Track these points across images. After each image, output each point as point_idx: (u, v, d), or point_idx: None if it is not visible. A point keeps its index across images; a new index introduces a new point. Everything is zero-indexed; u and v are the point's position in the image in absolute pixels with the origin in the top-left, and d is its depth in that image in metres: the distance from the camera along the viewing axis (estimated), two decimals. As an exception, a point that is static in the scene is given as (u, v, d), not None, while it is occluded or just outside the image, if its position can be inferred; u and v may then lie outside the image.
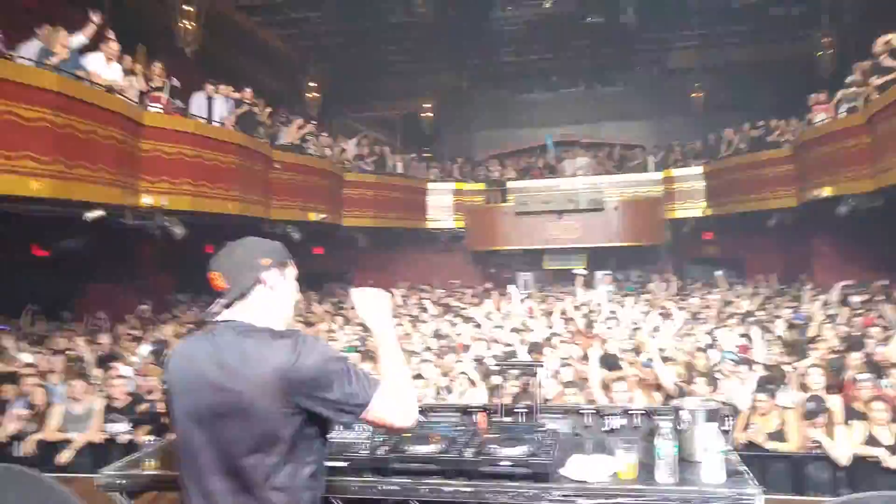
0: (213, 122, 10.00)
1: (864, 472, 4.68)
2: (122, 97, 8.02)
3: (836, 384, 5.68)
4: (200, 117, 9.76)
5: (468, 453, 2.64)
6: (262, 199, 11.22)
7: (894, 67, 8.99)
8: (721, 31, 15.22)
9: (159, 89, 8.96)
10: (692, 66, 16.18)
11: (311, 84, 15.23)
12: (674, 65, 16.53)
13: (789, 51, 14.43)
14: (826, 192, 11.01)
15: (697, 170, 15.82)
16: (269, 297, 1.92)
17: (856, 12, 13.06)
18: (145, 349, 7.73)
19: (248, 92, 11.07)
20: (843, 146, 10.60)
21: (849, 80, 10.72)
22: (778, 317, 9.10)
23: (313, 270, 15.84)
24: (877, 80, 9.43)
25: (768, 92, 14.99)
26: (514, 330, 8.33)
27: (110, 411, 5.81)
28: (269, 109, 12.02)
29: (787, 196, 12.78)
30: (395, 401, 1.83)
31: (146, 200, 8.47)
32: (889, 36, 9.16)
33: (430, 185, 17.44)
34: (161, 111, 8.79)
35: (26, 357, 7.13)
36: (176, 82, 9.20)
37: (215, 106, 10.15)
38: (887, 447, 4.66)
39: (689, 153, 16.66)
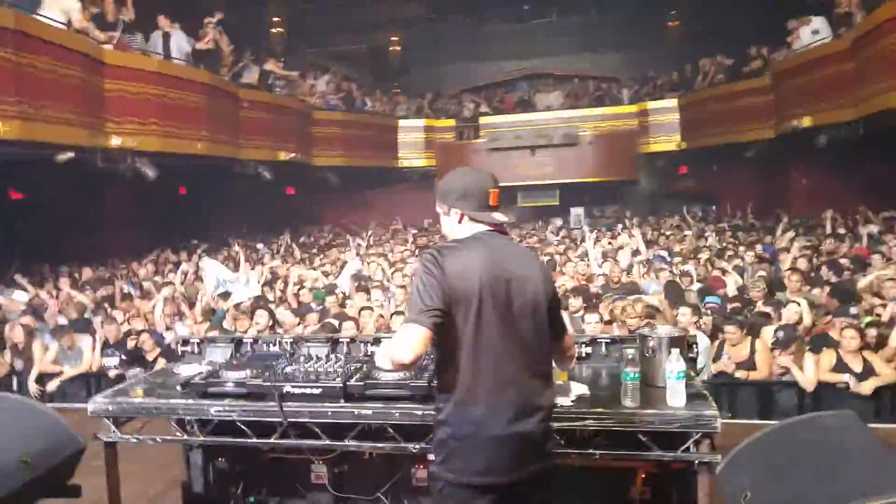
0: (174, 60, 9.64)
1: (831, 397, 4.80)
2: (82, 35, 7.73)
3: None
4: (157, 54, 9.41)
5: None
6: (231, 139, 11.02)
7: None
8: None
9: (111, 27, 8.58)
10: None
11: (275, 19, 14.66)
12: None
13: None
14: (805, 122, 10.83)
15: (672, 102, 15.65)
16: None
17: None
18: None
19: (213, 22, 10.58)
20: (824, 74, 10.33)
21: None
22: (749, 251, 9.21)
23: (285, 211, 15.79)
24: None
25: (747, 19, 14.65)
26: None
27: (105, 346, 6.06)
28: (231, 46, 11.57)
29: (764, 128, 12.54)
30: None
31: (115, 142, 8.31)
32: None
33: (400, 123, 17.10)
34: (111, 48, 8.43)
35: (22, 296, 7.35)
36: (125, 16, 8.77)
37: (173, 42, 9.71)
38: (855, 374, 4.80)
39: (665, 85, 16.47)
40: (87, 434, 2.88)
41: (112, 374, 5.70)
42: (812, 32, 10.81)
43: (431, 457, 2.15)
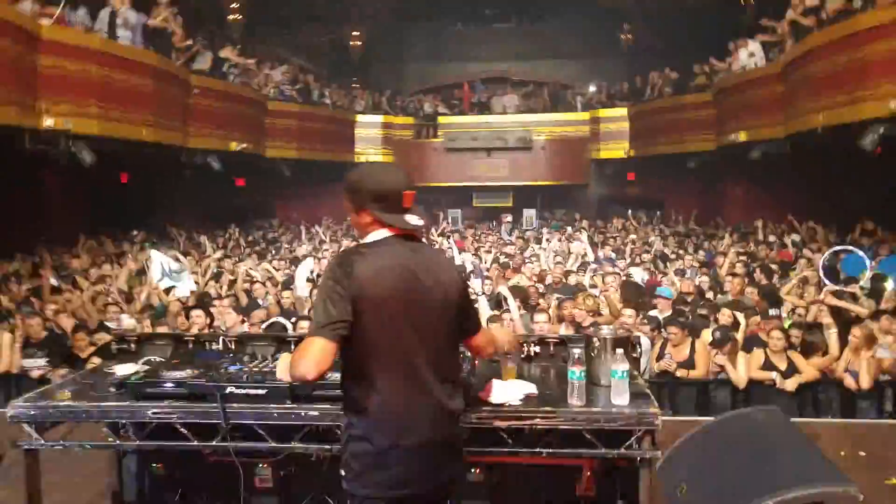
0: (120, 39, 9.18)
1: (760, 394, 5.17)
2: (15, 6, 7.29)
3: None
4: (103, 32, 8.95)
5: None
6: (179, 126, 10.63)
7: (808, 26, 9.35)
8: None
9: (53, 1, 8.12)
10: (622, 6, 16.18)
11: (233, 5, 14.27)
12: (604, 3, 16.47)
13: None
14: (740, 137, 11.50)
15: (622, 111, 16.13)
16: None
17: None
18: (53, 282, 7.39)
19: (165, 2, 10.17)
20: (758, 94, 11.05)
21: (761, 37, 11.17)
22: (690, 255, 9.64)
23: (234, 203, 15.37)
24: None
25: (695, 36, 15.27)
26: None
27: (28, 346, 5.58)
28: (184, 30, 11.12)
29: (706, 140, 13.18)
30: None
31: (48, 122, 7.80)
32: None
33: (358, 118, 16.99)
34: (51, 23, 7.96)
35: None
36: None
37: (121, 16, 9.18)
38: (781, 372, 5.15)
39: (616, 95, 16.93)
40: (4, 441, 2.66)
41: (35, 374, 5.29)
42: (749, 55, 11.45)
43: (342, 472, 2.07)
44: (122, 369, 3.00)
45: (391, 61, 18.72)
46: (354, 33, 17.12)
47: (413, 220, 2.10)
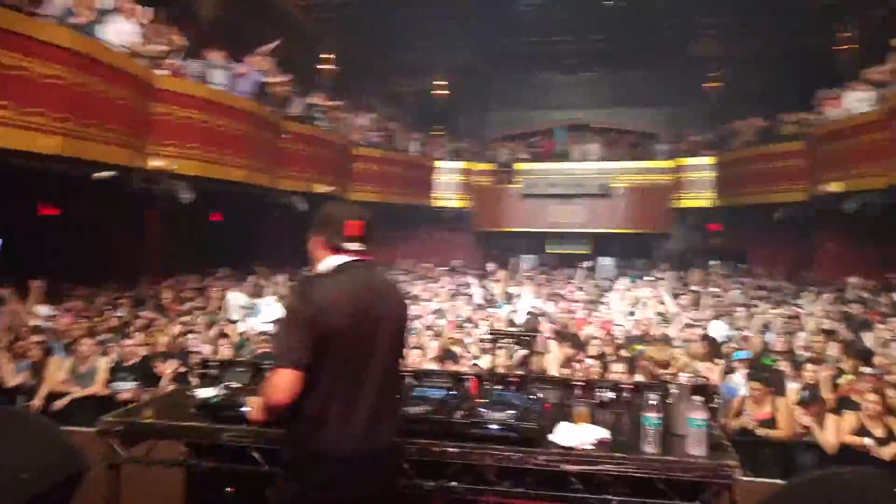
0: (214, 86, 9.79)
1: (852, 461, 4.67)
2: (136, 60, 8.00)
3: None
4: (214, 84, 9.69)
5: (457, 415, 2.69)
6: (269, 168, 11.18)
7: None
8: (744, 20, 15.04)
9: (172, 54, 8.88)
10: (713, 54, 16.00)
11: (327, 56, 15.15)
12: (695, 52, 16.35)
13: (810, 43, 14.16)
14: (835, 187, 10.86)
15: (706, 160, 15.76)
16: None
17: (881, 9, 12.81)
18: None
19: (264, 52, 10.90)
20: (858, 142, 10.45)
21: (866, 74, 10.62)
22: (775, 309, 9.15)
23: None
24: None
25: (784, 84, 14.85)
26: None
27: (120, 370, 5.96)
28: (283, 79, 11.85)
29: (796, 190, 12.60)
30: None
31: (156, 163, 8.43)
32: None
33: (438, 164, 17.36)
34: (163, 73, 8.65)
35: (44, 310, 7.33)
36: (180, 41, 9.02)
37: (215, 73, 9.88)
38: (877, 439, 4.68)
39: (701, 143, 16.57)
40: (91, 456, 2.78)
41: (123, 396, 5.62)
42: (857, 100, 10.82)
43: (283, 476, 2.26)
44: (203, 392, 3.14)
45: (474, 109, 19.14)
46: (439, 83, 17.70)
47: (352, 246, 2.30)
